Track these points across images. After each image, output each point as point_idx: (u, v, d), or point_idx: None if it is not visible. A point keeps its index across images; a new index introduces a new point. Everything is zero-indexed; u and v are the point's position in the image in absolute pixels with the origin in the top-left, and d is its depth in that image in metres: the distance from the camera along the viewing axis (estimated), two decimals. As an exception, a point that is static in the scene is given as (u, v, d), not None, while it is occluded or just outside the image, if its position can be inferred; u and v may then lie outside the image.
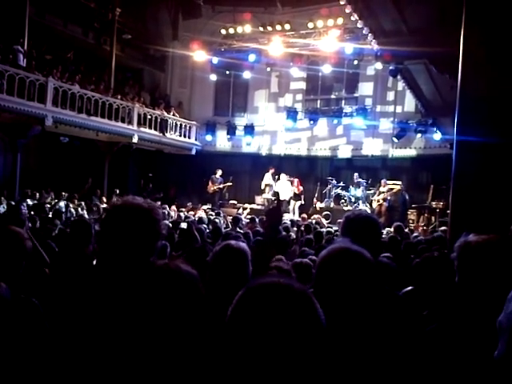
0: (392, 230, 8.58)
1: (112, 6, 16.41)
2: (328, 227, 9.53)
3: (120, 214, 1.72)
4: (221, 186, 16.33)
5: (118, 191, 14.60)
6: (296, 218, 14.07)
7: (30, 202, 11.44)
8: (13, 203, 10.23)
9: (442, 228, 9.22)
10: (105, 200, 13.87)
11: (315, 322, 0.96)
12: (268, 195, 15.82)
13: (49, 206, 11.27)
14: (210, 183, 16.29)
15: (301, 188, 15.49)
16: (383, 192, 14.26)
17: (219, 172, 16.38)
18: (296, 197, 15.36)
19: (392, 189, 14.38)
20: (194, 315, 1.25)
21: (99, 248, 1.89)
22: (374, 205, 14.26)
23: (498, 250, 1.66)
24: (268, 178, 16.02)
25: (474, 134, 4.84)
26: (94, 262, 2.07)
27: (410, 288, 2.92)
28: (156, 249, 1.73)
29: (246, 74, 17.56)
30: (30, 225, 6.09)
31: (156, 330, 1.22)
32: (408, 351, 1.72)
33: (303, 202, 15.46)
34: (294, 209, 15.30)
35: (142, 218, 1.69)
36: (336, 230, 8.28)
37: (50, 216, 8.46)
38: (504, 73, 4.74)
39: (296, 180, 15.53)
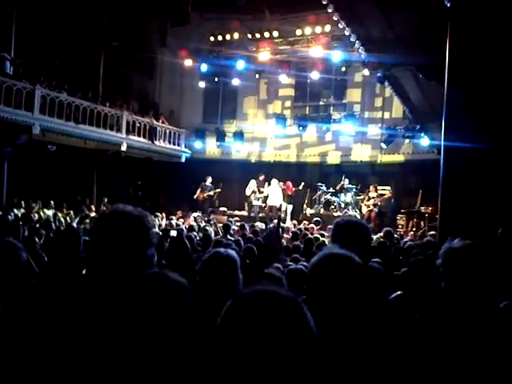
0: (382, 235, 8.63)
1: (100, 14, 16.37)
2: (320, 234, 9.52)
3: (110, 221, 1.70)
4: (211, 192, 16.30)
5: (106, 200, 14.49)
6: (289, 222, 14.10)
7: (16, 211, 11.29)
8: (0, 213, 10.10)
9: (431, 233, 9.29)
10: (94, 208, 13.75)
11: (304, 330, 0.95)
12: (258, 202, 15.82)
13: (36, 215, 11.14)
14: (198, 191, 16.26)
15: (293, 189, 15.53)
16: (373, 197, 14.33)
17: (209, 179, 16.37)
18: (288, 198, 15.38)
19: (382, 194, 14.47)
20: (182, 324, 1.25)
21: (89, 256, 1.88)
22: (364, 210, 14.33)
23: (482, 254, 1.68)
24: (253, 184, 16.01)
25: (461, 140, 4.89)
26: (84, 271, 2.05)
27: (399, 293, 2.93)
28: (146, 257, 1.72)
29: (235, 81, 17.60)
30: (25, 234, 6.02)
31: (145, 339, 1.21)
32: (398, 356, 1.72)
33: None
34: (286, 212, 15.30)
35: (132, 226, 1.68)
36: (327, 236, 8.29)
37: (38, 225, 8.37)
38: (489, 80, 4.81)
39: (289, 183, 15.58)
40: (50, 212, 11.95)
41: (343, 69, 15.79)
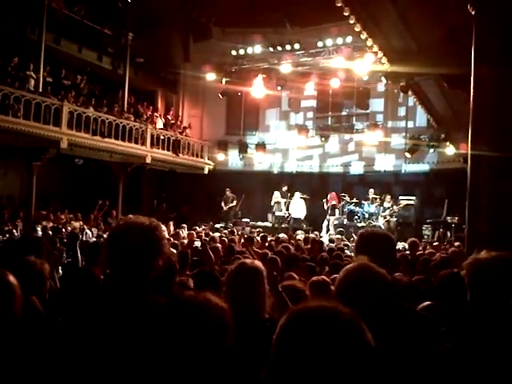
0: (406, 245, 8.51)
1: (125, 31, 16.81)
2: (345, 245, 9.42)
3: (122, 232, 1.76)
4: (233, 203, 16.44)
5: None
6: (332, 233, 13.69)
7: (45, 223, 11.57)
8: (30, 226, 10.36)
9: (458, 243, 9.09)
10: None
11: (365, 348, 0.92)
12: (280, 213, 15.81)
13: (64, 226, 11.38)
14: (222, 203, 16.46)
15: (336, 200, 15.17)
16: (388, 208, 14.14)
17: (228, 191, 16.55)
18: (333, 210, 15.07)
19: (399, 204, 14.25)
20: (220, 352, 1.20)
21: (107, 267, 1.94)
22: (381, 221, 14.07)
23: (508, 266, 1.63)
24: (276, 195, 16.01)
25: (489, 149, 4.81)
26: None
27: (426, 303, 2.89)
28: (158, 266, 1.75)
29: (257, 94, 17.69)
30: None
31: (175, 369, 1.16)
32: (424, 370, 1.69)
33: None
34: (328, 226, 14.99)
35: (144, 236, 1.73)
36: (351, 247, 8.21)
37: (66, 238, 8.56)
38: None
39: (333, 193, 15.32)
40: (77, 224, 12.20)
41: (365, 78, 15.71)
